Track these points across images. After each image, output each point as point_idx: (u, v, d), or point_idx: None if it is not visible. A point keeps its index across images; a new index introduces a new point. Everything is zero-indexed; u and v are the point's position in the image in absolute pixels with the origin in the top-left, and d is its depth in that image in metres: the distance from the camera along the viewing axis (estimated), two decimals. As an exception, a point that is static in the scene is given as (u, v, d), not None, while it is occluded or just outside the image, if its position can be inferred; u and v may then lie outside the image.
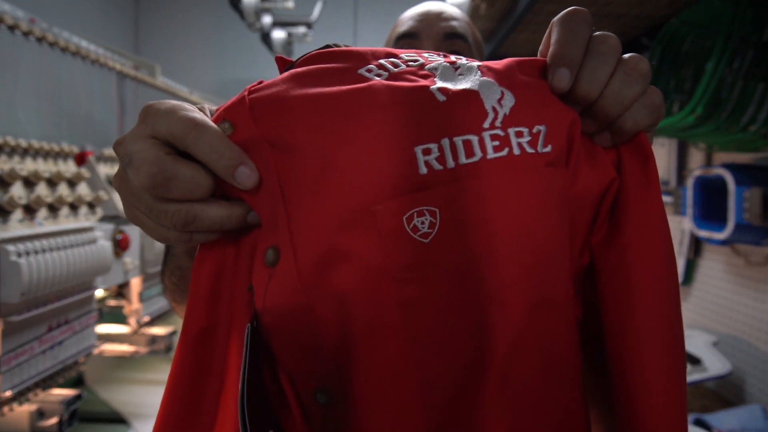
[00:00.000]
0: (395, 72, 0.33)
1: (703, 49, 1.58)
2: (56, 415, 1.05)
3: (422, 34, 0.76)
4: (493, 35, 2.34)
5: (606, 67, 0.33)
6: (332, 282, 0.30)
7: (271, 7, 2.30)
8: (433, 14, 0.77)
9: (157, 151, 0.29)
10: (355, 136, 0.30)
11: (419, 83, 0.32)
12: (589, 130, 0.34)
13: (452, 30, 0.75)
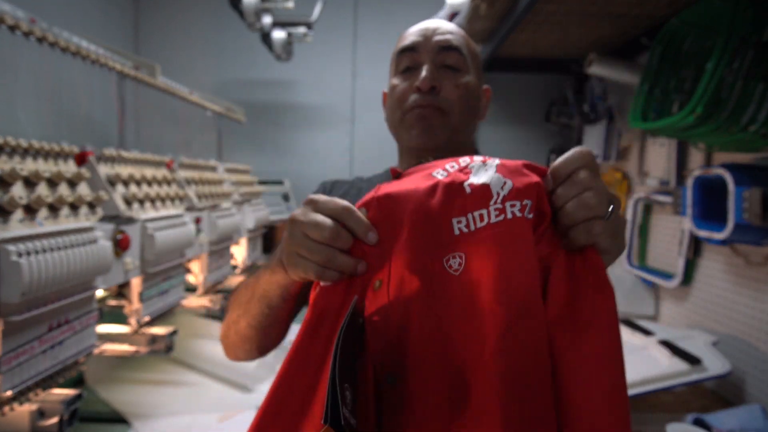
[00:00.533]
0: (451, 172, 0.58)
1: (703, 49, 1.57)
2: (56, 415, 1.05)
3: (420, 48, 0.87)
4: (493, 35, 2.34)
5: (572, 190, 0.53)
6: (401, 298, 0.53)
7: (271, 7, 2.30)
8: (430, 30, 0.89)
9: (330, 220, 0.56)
10: (422, 215, 0.55)
11: (459, 179, 0.56)
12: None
13: (447, 43, 0.87)
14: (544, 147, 2.95)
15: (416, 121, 0.87)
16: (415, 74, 0.88)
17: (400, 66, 0.91)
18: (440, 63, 0.87)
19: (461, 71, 0.89)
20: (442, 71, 0.87)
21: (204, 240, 1.80)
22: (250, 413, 1.50)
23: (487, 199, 0.54)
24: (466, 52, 0.90)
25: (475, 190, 0.55)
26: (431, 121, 0.86)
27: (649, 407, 1.48)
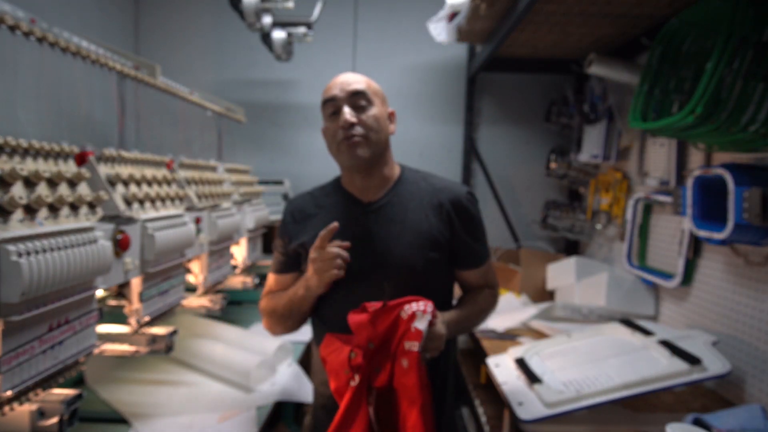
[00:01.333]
0: (408, 314, 1.13)
1: (703, 49, 1.57)
2: (57, 415, 1.05)
3: (338, 97, 1.26)
4: (492, 35, 2.34)
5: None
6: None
7: (271, 8, 2.30)
8: (344, 84, 1.27)
9: None
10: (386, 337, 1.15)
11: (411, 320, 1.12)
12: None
13: (355, 90, 1.26)
14: (544, 147, 2.95)
15: (347, 149, 1.25)
16: (338, 117, 1.26)
17: (327, 112, 1.28)
18: (353, 105, 1.26)
19: (368, 106, 1.28)
20: (356, 110, 1.26)
21: (204, 240, 1.80)
22: (250, 413, 1.50)
23: (419, 336, 1.09)
24: (370, 93, 1.29)
25: (416, 330, 1.10)
26: (356, 146, 1.24)
27: (650, 407, 1.48)
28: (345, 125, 1.22)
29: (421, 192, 1.31)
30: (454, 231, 1.28)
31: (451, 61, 3.06)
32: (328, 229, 1.18)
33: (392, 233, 1.26)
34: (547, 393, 1.38)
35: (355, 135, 1.23)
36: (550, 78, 2.98)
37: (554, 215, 2.75)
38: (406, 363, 1.07)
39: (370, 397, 1.10)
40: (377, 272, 1.23)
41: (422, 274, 1.24)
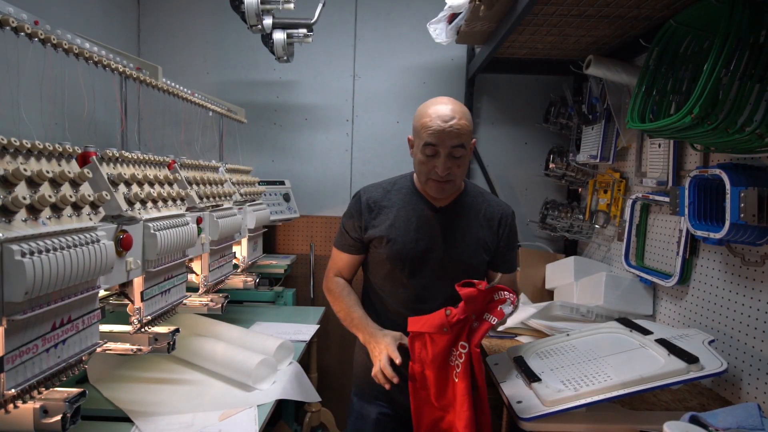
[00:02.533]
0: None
1: (701, 50, 1.58)
2: (60, 413, 1.06)
3: (439, 146, 1.43)
4: (492, 36, 2.35)
5: None
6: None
7: (271, 9, 2.31)
8: (446, 132, 1.41)
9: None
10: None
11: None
12: None
13: (457, 143, 1.43)
14: (543, 147, 2.96)
15: (434, 187, 1.50)
16: (435, 160, 1.45)
17: (426, 151, 1.45)
18: (451, 154, 1.43)
19: (463, 156, 1.46)
20: (452, 160, 1.44)
21: (205, 240, 1.81)
22: (251, 411, 1.51)
23: (501, 316, 1.43)
24: (467, 140, 1.44)
25: (501, 311, 1.43)
26: (444, 190, 1.50)
27: (647, 405, 1.49)
28: (439, 178, 1.46)
29: (478, 204, 1.61)
30: (500, 241, 1.61)
31: (450, 62, 3.07)
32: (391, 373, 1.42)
33: (456, 235, 1.55)
34: (546, 391, 1.39)
35: (446, 182, 1.47)
36: (549, 79, 2.99)
37: (553, 215, 2.76)
38: (476, 325, 1.40)
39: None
40: (441, 264, 1.54)
41: (474, 270, 1.56)
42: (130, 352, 1.44)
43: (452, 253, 1.54)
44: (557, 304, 2.09)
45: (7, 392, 0.95)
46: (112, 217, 1.28)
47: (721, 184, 1.45)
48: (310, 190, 3.13)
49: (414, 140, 1.51)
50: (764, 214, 1.33)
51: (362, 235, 1.59)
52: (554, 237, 2.99)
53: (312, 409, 2.32)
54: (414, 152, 1.52)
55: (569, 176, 2.77)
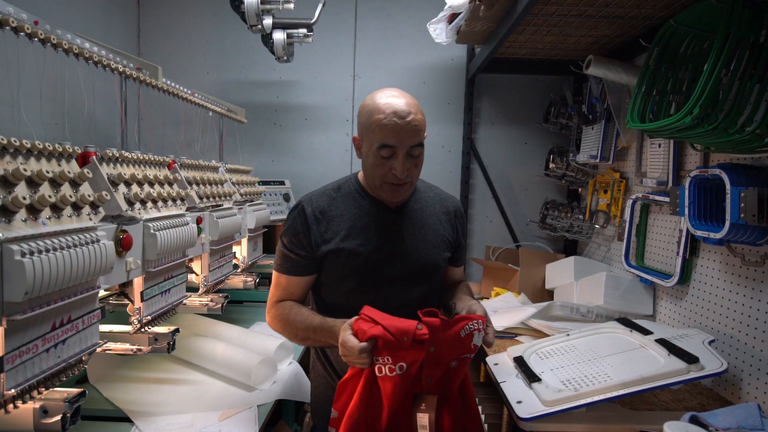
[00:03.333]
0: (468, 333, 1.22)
1: (700, 50, 1.59)
2: (60, 413, 1.06)
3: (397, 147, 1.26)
4: (492, 36, 2.35)
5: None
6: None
7: (271, 9, 2.31)
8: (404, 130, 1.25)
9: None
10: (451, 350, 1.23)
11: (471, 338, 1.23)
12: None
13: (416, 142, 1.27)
14: (543, 147, 2.96)
15: (390, 191, 1.33)
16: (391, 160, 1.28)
17: (382, 153, 1.28)
18: (409, 154, 1.28)
19: (420, 154, 1.31)
20: (409, 161, 1.29)
21: (205, 240, 1.81)
22: (251, 411, 1.51)
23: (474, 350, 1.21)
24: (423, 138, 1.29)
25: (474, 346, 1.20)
26: (402, 192, 1.35)
27: (647, 405, 1.49)
28: (397, 181, 1.30)
29: (432, 200, 1.48)
30: (457, 236, 1.50)
31: (450, 62, 3.07)
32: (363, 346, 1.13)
33: (418, 235, 1.40)
34: (546, 391, 1.39)
35: (404, 184, 1.32)
36: (549, 79, 2.99)
37: (553, 215, 2.76)
38: (455, 364, 1.20)
39: (423, 405, 1.18)
40: (409, 269, 1.37)
41: (440, 270, 1.44)
42: (130, 352, 1.44)
43: (419, 255, 1.38)
44: (557, 304, 2.09)
45: (7, 392, 0.95)
46: (112, 217, 1.28)
47: (721, 184, 1.45)
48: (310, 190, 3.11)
49: (363, 140, 1.32)
50: (764, 214, 1.33)
51: (314, 253, 1.35)
52: (554, 237, 2.99)
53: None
54: (364, 154, 1.33)
55: (569, 176, 2.77)
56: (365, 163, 1.35)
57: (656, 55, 1.64)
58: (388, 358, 1.15)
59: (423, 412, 1.17)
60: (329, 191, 1.44)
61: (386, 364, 1.16)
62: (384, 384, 1.17)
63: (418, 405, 1.18)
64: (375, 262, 1.34)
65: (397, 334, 1.14)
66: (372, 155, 1.29)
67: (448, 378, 1.20)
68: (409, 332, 1.15)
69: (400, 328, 1.15)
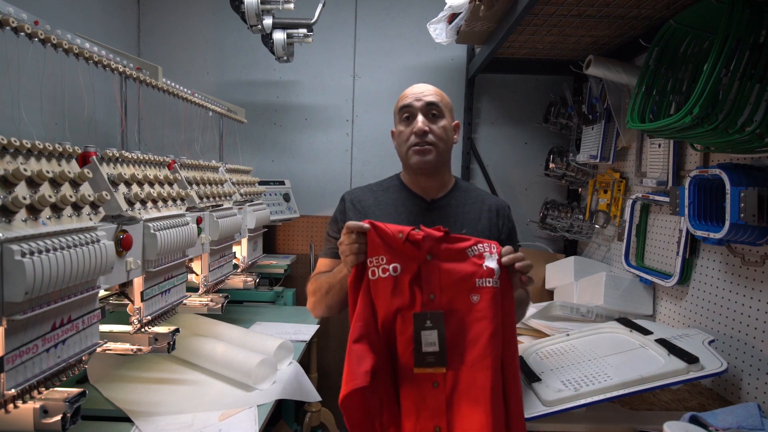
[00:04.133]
0: (476, 254, 1.20)
1: (700, 50, 1.59)
2: (60, 413, 1.06)
3: (414, 105, 1.39)
4: (492, 36, 2.35)
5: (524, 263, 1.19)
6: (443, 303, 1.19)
7: (271, 9, 2.31)
8: (419, 93, 1.41)
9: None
10: (462, 272, 1.19)
11: (482, 261, 1.20)
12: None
13: (430, 101, 1.40)
14: (543, 147, 2.96)
15: (416, 153, 1.40)
16: (412, 122, 1.40)
17: (401, 116, 1.43)
18: (427, 114, 1.39)
19: (440, 117, 1.41)
20: (429, 119, 1.40)
21: (205, 240, 1.81)
22: (251, 411, 1.51)
23: (490, 274, 1.15)
24: (442, 105, 1.41)
25: (488, 269, 1.15)
26: (426, 152, 1.40)
27: (647, 405, 1.49)
28: (419, 132, 1.37)
29: (473, 197, 1.51)
30: (499, 235, 1.48)
31: (450, 62, 3.07)
32: (357, 224, 1.17)
33: (453, 228, 1.38)
34: (546, 391, 1.40)
35: (426, 142, 1.38)
36: (549, 79, 2.99)
37: (553, 215, 2.76)
38: (476, 298, 1.13)
39: (427, 321, 1.12)
40: None
41: None
42: (130, 352, 1.44)
43: None
44: (557, 304, 2.09)
45: (7, 392, 0.95)
46: (112, 217, 1.28)
47: (721, 184, 1.45)
48: (310, 190, 3.13)
49: (395, 121, 1.48)
50: (764, 214, 1.33)
51: None
52: (554, 237, 2.99)
53: (312, 409, 2.32)
54: (396, 132, 1.47)
55: (569, 176, 2.77)
56: (396, 144, 1.46)
57: (656, 55, 1.64)
58: (383, 257, 1.14)
59: (429, 329, 1.11)
60: (372, 185, 1.55)
61: (380, 264, 1.14)
62: (376, 289, 1.14)
63: (422, 323, 1.12)
64: None
65: (393, 228, 1.15)
66: (398, 126, 1.44)
67: (471, 316, 1.13)
68: (405, 230, 1.14)
69: (398, 227, 1.16)
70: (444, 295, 1.15)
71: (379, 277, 1.14)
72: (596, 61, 2.05)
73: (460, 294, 1.14)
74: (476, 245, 1.17)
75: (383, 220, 1.33)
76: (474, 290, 1.14)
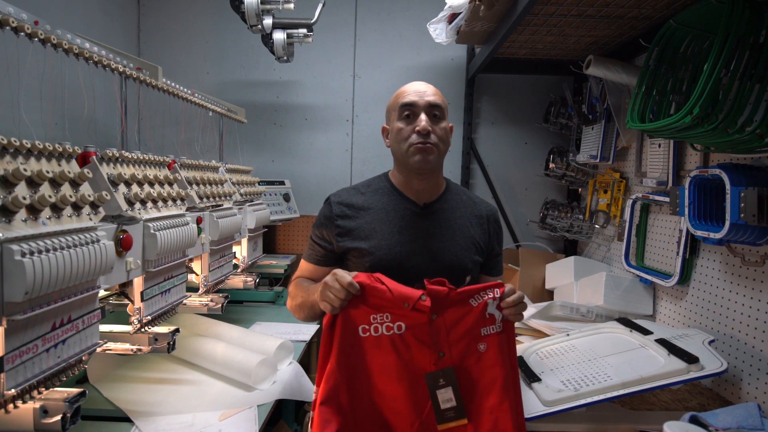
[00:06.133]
0: (479, 302, 1.22)
1: (700, 50, 1.59)
2: (60, 413, 1.06)
3: (417, 104, 1.35)
4: (492, 36, 2.35)
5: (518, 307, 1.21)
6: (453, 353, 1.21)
7: (271, 9, 2.31)
8: (422, 92, 1.37)
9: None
10: (472, 322, 1.22)
11: (485, 309, 1.22)
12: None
13: (434, 102, 1.36)
14: (543, 147, 2.96)
15: (419, 152, 1.35)
16: (414, 121, 1.36)
17: (403, 114, 1.37)
18: (430, 114, 1.36)
19: (441, 119, 1.38)
20: (431, 120, 1.36)
21: (205, 240, 1.81)
22: (251, 411, 1.51)
23: (492, 321, 1.18)
24: (443, 106, 1.38)
25: (491, 316, 1.18)
26: (428, 152, 1.35)
27: (647, 405, 1.49)
28: (423, 131, 1.33)
29: (464, 202, 1.47)
30: (490, 240, 1.46)
31: (450, 62, 3.07)
32: (350, 281, 1.14)
33: (446, 235, 1.39)
34: (546, 391, 1.40)
35: (429, 142, 1.34)
36: (549, 79, 2.99)
37: (553, 215, 2.76)
38: (483, 347, 1.16)
39: (441, 380, 1.14)
40: (431, 268, 1.34)
41: (468, 274, 1.39)
42: (130, 352, 1.44)
43: (443, 255, 1.36)
44: (557, 304, 2.09)
45: (7, 392, 0.95)
46: (112, 217, 1.28)
47: (721, 184, 1.45)
48: (310, 190, 3.13)
49: (389, 118, 1.42)
50: (764, 214, 1.33)
51: (335, 245, 1.39)
52: (554, 237, 2.99)
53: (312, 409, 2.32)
54: (391, 129, 1.40)
55: (569, 176, 2.77)
56: (393, 141, 1.40)
57: (656, 55, 1.64)
58: (388, 315, 1.13)
59: (443, 387, 1.13)
60: (358, 186, 1.48)
61: (383, 322, 1.13)
62: (372, 347, 1.13)
63: (436, 382, 1.14)
64: (395, 258, 1.33)
65: (397, 295, 1.13)
66: (397, 123, 1.38)
67: (480, 365, 1.16)
68: (412, 299, 1.13)
69: (403, 292, 1.14)
70: (453, 351, 1.16)
71: (381, 335, 1.14)
72: (596, 61, 2.05)
73: (467, 346, 1.16)
74: (479, 293, 1.18)
75: (374, 227, 1.35)
76: (480, 340, 1.17)
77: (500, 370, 1.15)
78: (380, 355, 1.13)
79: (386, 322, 1.13)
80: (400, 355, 1.14)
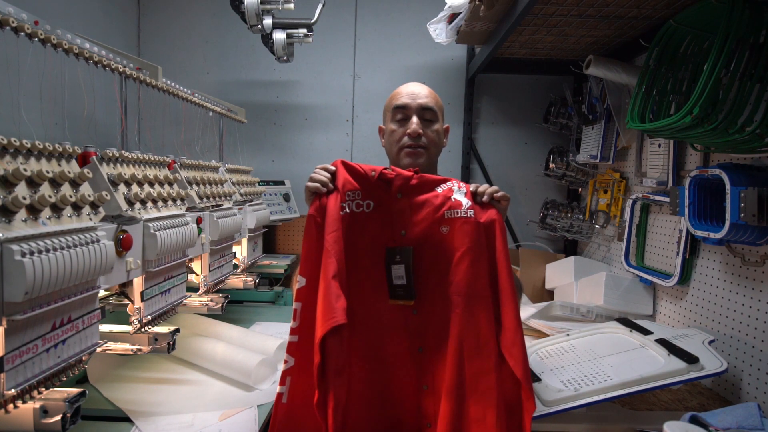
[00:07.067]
0: (444, 190, 1.25)
1: (701, 50, 1.59)
2: (60, 413, 1.06)
3: (409, 107, 1.40)
4: (492, 36, 2.35)
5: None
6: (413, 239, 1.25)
7: (271, 9, 2.31)
8: (415, 94, 1.41)
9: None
10: (434, 206, 1.25)
11: (450, 194, 1.24)
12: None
13: (426, 105, 1.40)
14: (543, 147, 2.96)
15: (408, 155, 1.42)
16: (406, 124, 1.41)
17: (396, 117, 1.42)
18: (422, 117, 1.40)
19: (434, 122, 1.42)
20: (423, 123, 1.40)
21: (205, 239, 1.81)
22: (251, 411, 1.51)
23: (459, 206, 1.19)
24: (436, 109, 1.42)
25: (456, 201, 1.20)
26: (418, 155, 1.41)
27: (647, 405, 1.49)
28: (413, 134, 1.38)
29: None
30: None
31: (450, 62, 3.07)
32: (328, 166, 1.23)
33: None
34: (546, 391, 1.39)
35: (419, 145, 1.40)
36: (549, 79, 2.99)
37: (553, 215, 2.76)
38: (446, 229, 1.19)
39: (397, 257, 1.20)
40: None
41: None
42: (130, 352, 1.44)
43: None
44: (557, 304, 2.09)
45: (7, 392, 0.94)
46: (112, 217, 1.28)
47: (721, 184, 1.45)
48: (310, 190, 3.12)
49: (385, 119, 1.49)
50: (764, 214, 1.33)
51: None
52: (554, 237, 2.99)
53: (312, 409, 2.32)
54: (386, 132, 1.47)
55: (569, 176, 2.77)
56: (387, 142, 1.47)
57: (656, 55, 1.64)
58: (359, 192, 1.20)
59: (397, 264, 1.19)
60: None
61: (355, 199, 1.20)
62: (347, 224, 1.18)
63: (393, 258, 1.20)
64: None
65: (366, 167, 1.22)
66: (390, 125, 1.44)
67: (442, 247, 1.19)
68: (377, 168, 1.22)
69: (370, 166, 1.23)
70: (414, 231, 1.21)
71: (352, 212, 1.19)
72: (596, 61, 2.05)
73: (430, 228, 1.20)
74: (445, 182, 1.23)
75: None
76: (443, 222, 1.19)
77: (466, 253, 1.16)
78: (353, 231, 1.19)
79: (357, 199, 1.20)
80: (368, 230, 1.21)
